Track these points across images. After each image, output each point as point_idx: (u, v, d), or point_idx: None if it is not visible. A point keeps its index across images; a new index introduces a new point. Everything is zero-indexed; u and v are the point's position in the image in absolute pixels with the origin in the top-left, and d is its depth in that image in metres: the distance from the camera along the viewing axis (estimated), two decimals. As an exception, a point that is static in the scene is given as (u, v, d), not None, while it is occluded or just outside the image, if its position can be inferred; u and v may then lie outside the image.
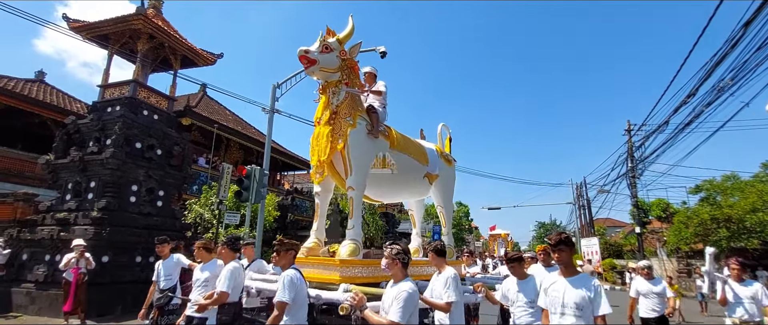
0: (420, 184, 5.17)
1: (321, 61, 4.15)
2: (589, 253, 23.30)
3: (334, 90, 4.34)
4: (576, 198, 28.81)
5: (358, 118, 4.27)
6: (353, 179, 4.16)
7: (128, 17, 10.41)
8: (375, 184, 4.62)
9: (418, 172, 5.02)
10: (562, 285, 2.68)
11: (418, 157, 5.00)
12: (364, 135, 4.24)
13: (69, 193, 9.93)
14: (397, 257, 2.69)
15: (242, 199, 9.81)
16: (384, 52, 11.88)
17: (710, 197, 18.25)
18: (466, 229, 50.16)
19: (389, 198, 5.56)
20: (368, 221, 23.43)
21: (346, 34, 4.43)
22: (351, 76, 4.44)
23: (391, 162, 4.56)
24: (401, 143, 4.80)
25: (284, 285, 2.98)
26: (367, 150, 4.27)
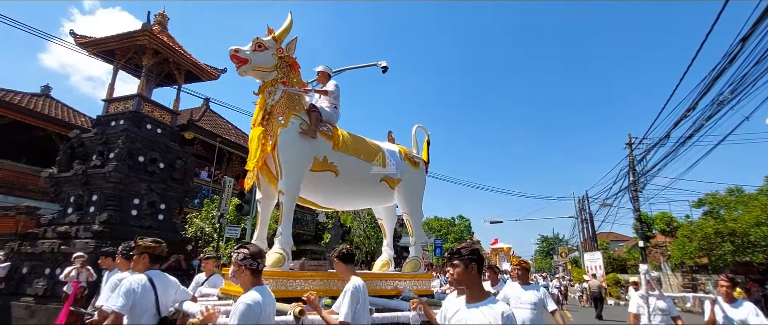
0: (376, 188, 4.71)
1: (253, 60, 3.97)
2: (592, 267, 23.07)
3: (270, 90, 4.10)
4: (578, 212, 28.66)
5: (292, 117, 3.99)
6: (284, 182, 3.85)
7: (134, 33, 10.60)
8: (318, 188, 4.31)
9: (371, 176, 4.60)
10: (462, 314, 1.94)
11: (369, 159, 4.56)
12: (295, 135, 3.91)
13: (71, 206, 9.96)
14: (243, 262, 2.26)
15: (243, 212, 9.83)
16: (385, 66, 12.02)
17: (714, 211, 18.13)
18: (468, 243, 49.79)
19: (342, 204, 5.13)
20: (369, 234, 23.34)
21: (282, 31, 4.21)
22: (289, 75, 4.23)
23: (332, 164, 4.20)
24: (348, 144, 4.40)
25: (119, 292, 2.64)
26: (299, 151, 3.93)
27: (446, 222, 47.70)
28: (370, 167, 4.56)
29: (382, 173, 4.70)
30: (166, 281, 3.01)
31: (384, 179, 4.74)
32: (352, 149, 4.40)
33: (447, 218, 48.57)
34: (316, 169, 4.08)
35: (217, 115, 21.62)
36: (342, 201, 4.94)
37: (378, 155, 4.70)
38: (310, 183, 4.12)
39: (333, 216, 24.50)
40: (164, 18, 12.39)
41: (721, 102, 9.43)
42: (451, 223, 48.52)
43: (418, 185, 5.21)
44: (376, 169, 4.59)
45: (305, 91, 4.38)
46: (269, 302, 2.27)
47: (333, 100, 4.64)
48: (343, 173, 4.26)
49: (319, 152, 4.10)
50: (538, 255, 74.85)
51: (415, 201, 5.15)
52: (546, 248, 72.32)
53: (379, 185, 4.71)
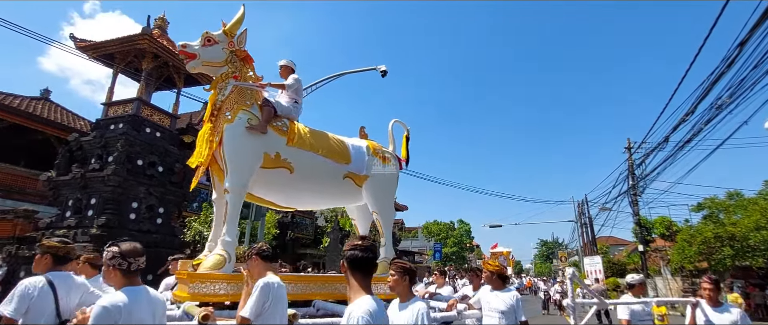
0: (340, 186, 4.45)
1: (202, 55, 3.88)
2: (592, 272, 23.02)
3: (221, 85, 3.99)
4: (578, 216, 28.65)
5: (240, 112, 3.84)
6: (229, 179, 3.68)
7: (134, 37, 10.63)
8: (273, 187, 4.11)
9: (332, 172, 4.33)
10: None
11: (330, 154, 4.31)
12: (242, 130, 3.74)
13: (69, 210, 9.93)
14: (112, 262, 2.10)
15: (242, 216, 9.79)
16: (385, 71, 12.06)
17: (713, 215, 18.11)
18: (468, 247, 49.69)
19: (304, 203, 4.83)
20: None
21: (233, 24, 4.10)
22: (242, 69, 4.11)
23: (286, 161, 3.98)
24: (304, 139, 4.17)
25: (12, 295, 2.52)
26: (246, 147, 3.75)
27: (446, 226, 47.57)
28: (330, 163, 4.31)
29: (346, 169, 4.44)
30: (70, 283, 2.84)
31: (348, 176, 4.47)
32: (308, 145, 4.17)
33: (446, 222, 48.45)
34: (268, 166, 3.88)
35: (216, 119, 21.61)
36: (303, 200, 4.64)
37: (340, 151, 4.46)
38: (263, 181, 3.94)
39: (332, 220, 24.45)
40: (164, 22, 12.43)
41: (719, 106, 9.46)
42: (451, 227, 48.39)
43: (387, 181, 4.89)
44: (332, 164, 4.31)
45: (261, 86, 4.24)
46: (140, 306, 2.06)
47: (293, 94, 4.50)
48: (298, 170, 4.03)
49: (270, 148, 3.90)
50: (537, 259, 74.72)
51: (384, 199, 4.83)
52: (546, 252, 72.17)
53: (342, 182, 4.45)
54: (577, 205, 28.77)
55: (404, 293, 2.61)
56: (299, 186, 4.21)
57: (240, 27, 4.12)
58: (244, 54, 4.17)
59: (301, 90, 4.64)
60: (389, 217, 4.91)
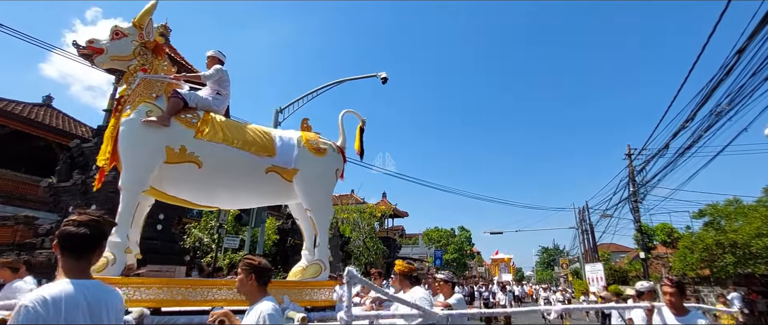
0: (263, 181, 4.07)
1: (110, 50, 3.75)
2: (593, 279, 22.90)
3: (130, 79, 3.84)
4: (579, 223, 28.57)
5: (141, 105, 3.65)
6: (123, 176, 3.49)
7: (136, 44, 10.71)
8: (182, 184, 3.85)
9: (251, 166, 3.96)
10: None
11: (248, 146, 3.95)
12: (138, 124, 3.53)
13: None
14: None
15: (242, 222, 9.82)
16: (385, 77, 12.13)
17: (714, 222, 18.07)
18: (468, 254, 49.52)
19: (220, 201, 4.41)
20: (369, 245, 23.22)
21: (142, 15, 3.94)
22: (154, 61, 3.98)
23: (193, 154, 3.69)
24: (216, 131, 3.87)
25: None
26: (142, 141, 3.52)
27: (446, 233, 47.48)
28: (248, 156, 3.94)
29: (269, 163, 4.05)
30: None
31: (273, 169, 4.07)
32: (221, 137, 3.86)
33: (447, 229, 48.35)
34: (173, 161, 3.63)
35: (217, 126, 21.69)
36: (220, 197, 4.24)
37: (262, 143, 4.08)
38: (171, 178, 3.73)
39: (331, 227, 24.42)
40: (166, 29, 12.53)
41: (719, 113, 9.49)
42: (452, 234, 48.28)
43: (322, 175, 4.39)
44: (251, 157, 3.95)
45: (176, 77, 4.10)
46: None
47: (214, 85, 4.32)
48: (208, 164, 3.74)
49: (174, 142, 3.64)
50: (538, 266, 74.39)
51: (318, 194, 4.35)
52: (547, 259, 71.89)
53: (266, 177, 4.05)
54: (578, 212, 28.72)
55: (252, 294, 2.34)
56: (211, 182, 3.90)
57: (150, 18, 3.98)
58: (154, 46, 4.03)
59: (225, 80, 4.43)
60: (324, 214, 4.41)
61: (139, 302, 3.12)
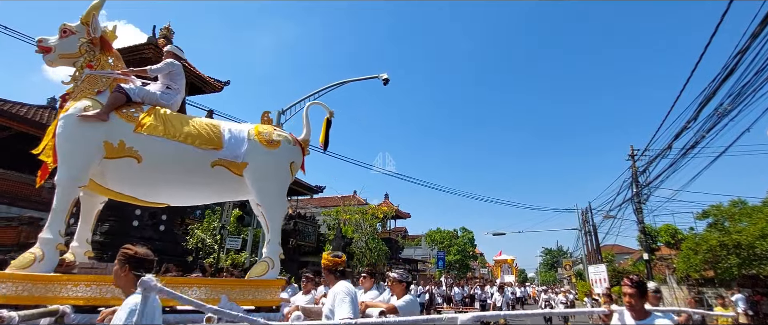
0: (209, 175, 3.91)
1: (58, 48, 3.78)
2: (597, 280, 22.79)
3: (77, 76, 3.86)
4: (582, 224, 28.46)
5: (82, 100, 3.64)
6: (58, 171, 3.45)
7: (140, 46, 10.81)
8: (125, 179, 3.78)
9: (194, 159, 3.81)
10: None
11: (190, 140, 3.81)
12: (74, 119, 3.50)
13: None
14: None
15: (245, 223, 9.85)
16: (387, 79, 12.16)
17: (718, 223, 17.97)
18: (471, 255, 49.43)
19: (165, 196, 4.24)
20: (371, 246, 23.23)
21: (89, 11, 3.92)
22: (101, 57, 3.97)
23: (132, 149, 3.61)
24: (157, 125, 3.75)
25: None
26: (77, 137, 3.48)
27: (449, 234, 47.41)
28: (191, 150, 3.80)
29: (215, 156, 3.90)
30: None
31: (219, 163, 3.90)
32: (161, 130, 3.74)
33: (449, 230, 48.29)
34: (111, 156, 3.58)
35: (220, 127, 21.77)
36: (164, 192, 4.12)
37: (208, 136, 3.93)
38: (111, 173, 3.68)
39: (334, 228, 24.44)
40: (169, 32, 12.61)
41: (721, 113, 9.45)
42: (454, 235, 48.21)
43: (273, 169, 4.17)
44: (194, 150, 3.82)
45: (125, 73, 4.07)
46: None
47: (165, 79, 4.28)
48: (148, 159, 3.65)
49: (112, 137, 3.58)
50: (542, 268, 74.11)
51: (268, 188, 4.13)
52: (550, 260, 71.63)
53: (212, 171, 3.89)
54: (581, 213, 28.61)
55: (126, 286, 2.14)
56: (152, 177, 3.80)
57: (95, 14, 3.96)
58: (99, 41, 4.02)
59: (176, 75, 4.39)
60: (275, 208, 4.17)
61: (67, 299, 3.03)
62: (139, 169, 3.65)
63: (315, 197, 29.97)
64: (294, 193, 25.35)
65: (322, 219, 28.31)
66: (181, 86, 4.43)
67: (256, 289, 3.69)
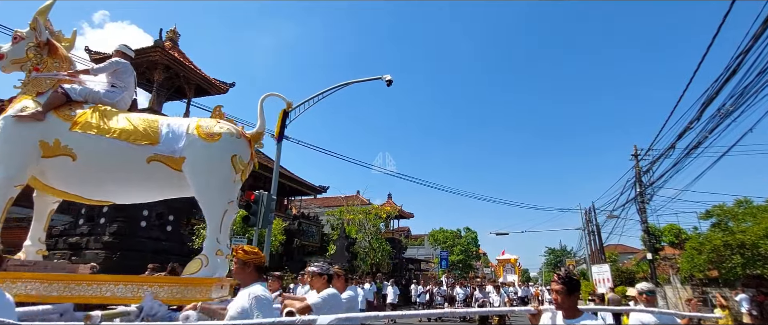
0: (146, 171, 3.86)
1: (9, 54, 3.88)
2: (600, 280, 22.78)
3: (25, 80, 3.97)
4: (585, 224, 28.44)
5: (22, 101, 3.76)
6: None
7: (147, 49, 10.95)
8: (65, 178, 3.84)
9: (128, 156, 3.78)
10: None
11: (124, 136, 3.79)
12: (10, 120, 3.63)
13: (82, 218, 10.18)
14: None
15: (250, 224, 9.96)
16: (390, 80, 12.25)
17: (722, 223, 17.94)
18: (474, 255, 49.43)
19: (105, 194, 4.22)
20: (374, 246, 23.34)
21: (35, 16, 4.02)
22: (47, 60, 4.06)
23: (67, 147, 3.66)
24: (92, 122, 3.79)
25: None
26: (12, 137, 3.58)
27: (452, 234, 47.45)
28: (125, 146, 3.77)
29: (151, 152, 3.84)
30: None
31: (156, 159, 3.85)
32: (95, 128, 3.75)
33: (453, 230, 48.32)
34: (48, 155, 3.67)
35: (224, 128, 21.94)
36: (110, 191, 4.12)
37: (144, 131, 3.89)
38: (50, 171, 3.77)
39: (337, 228, 24.57)
40: (175, 34, 12.76)
41: (724, 114, 9.48)
42: (457, 235, 48.24)
43: (211, 161, 4.02)
44: (128, 146, 3.78)
45: (71, 74, 4.13)
46: None
47: (111, 78, 4.35)
48: (82, 157, 3.68)
49: (47, 136, 3.66)
50: (545, 268, 73.99)
51: (206, 182, 4.01)
52: (554, 260, 71.49)
53: (149, 167, 3.84)
54: (585, 212, 28.59)
55: None
56: (89, 174, 3.84)
57: (40, 18, 4.04)
58: (45, 43, 4.10)
59: (122, 73, 4.44)
60: (214, 204, 4.04)
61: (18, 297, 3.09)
62: (75, 167, 3.70)
63: (318, 197, 30.13)
64: (298, 193, 25.50)
65: (325, 219, 28.44)
66: (128, 84, 4.49)
67: (186, 287, 3.53)
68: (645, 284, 4.10)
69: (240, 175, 4.20)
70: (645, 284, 4.10)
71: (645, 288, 4.02)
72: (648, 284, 4.10)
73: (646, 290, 4.02)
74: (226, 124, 4.25)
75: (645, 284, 4.10)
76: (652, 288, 4.07)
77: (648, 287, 4.03)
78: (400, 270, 26.93)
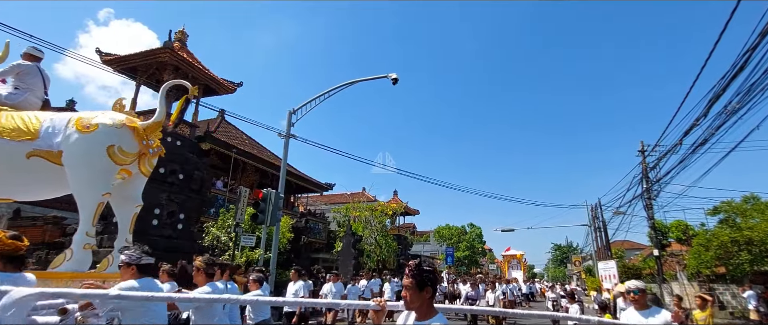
0: (27, 168, 3.86)
1: None
2: (606, 276, 22.77)
3: None
4: (591, 220, 28.38)
5: None
6: None
7: (156, 51, 11.14)
8: None
9: (9, 152, 3.80)
10: None
11: (7, 134, 3.84)
12: None
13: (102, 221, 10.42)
14: None
15: (258, 221, 10.14)
16: (396, 78, 12.33)
17: (729, 219, 17.87)
18: (480, 251, 49.47)
19: (5, 192, 4.24)
20: (381, 243, 23.51)
21: None
22: None
23: None
24: None
25: None
26: None
27: (457, 230, 47.51)
28: (3, 143, 3.80)
29: (30, 147, 3.84)
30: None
31: (35, 154, 3.84)
32: None
33: (458, 226, 48.38)
34: None
35: (232, 127, 22.17)
36: (4, 188, 4.14)
37: (22, 127, 3.90)
38: None
39: (344, 225, 24.76)
40: (184, 35, 12.94)
41: (730, 111, 9.46)
42: (463, 231, 48.30)
43: (86, 153, 3.91)
44: (6, 143, 3.80)
45: None
46: None
47: (15, 80, 4.52)
48: None
49: None
50: (551, 264, 73.84)
51: (79, 174, 3.90)
52: (559, 256, 71.32)
53: (29, 163, 3.83)
54: (591, 209, 28.52)
55: None
56: None
57: None
58: None
59: (25, 74, 4.58)
60: (86, 195, 3.95)
61: None
62: None
63: (324, 195, 30.31)
64: (304, 190, 25.71)
65: (331, 216, 28.66)
66: (33, 84, 4.56)
67: (44, 281, 3.36)
68: (634, 282, 3.82)
69: (129, 165, 4.17)
70: (634, 282, 3.82)
71: (633, 286, 3.75)
72: (637, 282, 3.82)
73: (634, 289, 3.74)
74: (109, 115, 4.17)
75: (634, 282, 3.82)
76: (641, 287, 3.78)
77: (636, 286, 3.75)
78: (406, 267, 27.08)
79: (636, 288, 3.71)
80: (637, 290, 3.70)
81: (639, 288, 3.72)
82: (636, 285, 3.74)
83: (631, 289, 3.75)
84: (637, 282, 3.82)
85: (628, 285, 3.86)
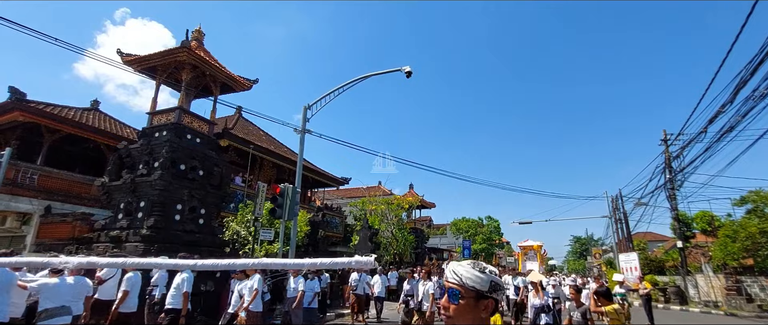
0: None
1: None
2: (627, 268, 22.34)
3: None
4: (612, 211, 27.79)
5: None
6: None
7: (174, 50, 11.38)
8: None
9: None
10: None
11: None
12: None
13: (121, 212, 10.80)
14: None
15: (276, 216, 10.32)
16: (409, 71, 12.29)
17: (758, 209, 17.26)
18: (497, 244, 49.09)
19: None
20: (397, 236, 23.60)
21: None
22: None
23: None
24: None
25: None
26: None
27: (474, 223, 47.21)
28: None
29: None
30: None
31: None
32: None
33: (475, 219, 48.06)
34: None
35: (249, 123, 22.53)
36: None
37: None
38: None
39: (360, 218, 24.95)
40: (200, 34, 13.16)
41: (759, 97, 9.11)
42: (479, 223, 47.97)
43: None
44: None
45: None
46: None
47: None
48: None
49: None
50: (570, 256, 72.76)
51: None
52: (579, 249, 70.14)
53: None
54: (611, 200, 27.92)
55: None
56: None
57: None
58: None
59: None
60: None
61: None
62: None
63: (341, 189, 30.56)
64: (320, 185, 25.99)
65: (348, 210, 28.90)
66: None
67: None
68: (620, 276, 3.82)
69: None
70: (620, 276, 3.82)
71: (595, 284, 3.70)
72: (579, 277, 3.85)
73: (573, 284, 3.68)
74: None
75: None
76: (577, 284, 3.77)
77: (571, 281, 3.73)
78: (423, 260, 27.14)
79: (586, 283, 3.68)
80: (577, 287, 3.76)
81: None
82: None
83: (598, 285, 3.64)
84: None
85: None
